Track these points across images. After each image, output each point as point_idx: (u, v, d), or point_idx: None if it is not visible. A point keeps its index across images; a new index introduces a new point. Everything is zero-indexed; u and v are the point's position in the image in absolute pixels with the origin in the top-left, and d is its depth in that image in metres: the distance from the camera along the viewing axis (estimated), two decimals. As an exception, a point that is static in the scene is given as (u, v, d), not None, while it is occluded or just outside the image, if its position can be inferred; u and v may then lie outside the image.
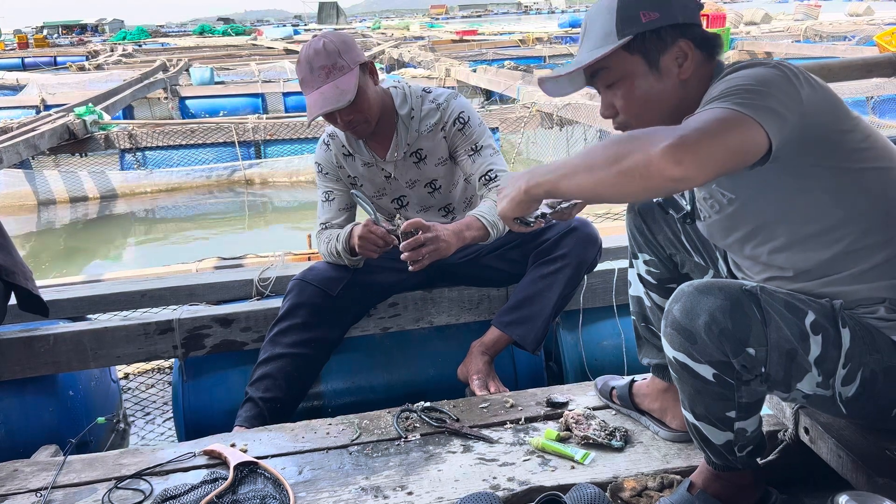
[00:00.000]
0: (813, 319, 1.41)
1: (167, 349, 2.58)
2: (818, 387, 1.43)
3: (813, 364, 1.41)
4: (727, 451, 1.56)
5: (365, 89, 2.32)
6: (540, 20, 54.14)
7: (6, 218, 7.36)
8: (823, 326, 1.41)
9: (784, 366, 1.40)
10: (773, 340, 1.39)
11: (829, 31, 20.10)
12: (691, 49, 1.49)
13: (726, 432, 1.53)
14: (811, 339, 1.40)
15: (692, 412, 1.55)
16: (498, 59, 17.14)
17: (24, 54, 28.26)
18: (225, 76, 16.76)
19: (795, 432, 1.76)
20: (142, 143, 8.64)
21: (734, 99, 1.29)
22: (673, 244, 1.89)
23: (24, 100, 12.91)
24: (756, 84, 1.32)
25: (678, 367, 1.49)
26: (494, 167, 2.50)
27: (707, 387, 1.47)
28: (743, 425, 1.52)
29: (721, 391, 1.47)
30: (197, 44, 31.61)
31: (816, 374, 1.42)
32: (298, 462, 1.98)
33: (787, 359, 1.40)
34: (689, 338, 1.43)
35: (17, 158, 7.36)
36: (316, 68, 2.28)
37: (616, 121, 1.57)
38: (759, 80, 1.34)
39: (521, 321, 2.44)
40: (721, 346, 1.40)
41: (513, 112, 9.11)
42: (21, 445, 2.36)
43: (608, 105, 1.57)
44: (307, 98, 2.32)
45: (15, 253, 2.49)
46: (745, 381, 1.44)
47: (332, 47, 2.28)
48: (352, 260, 2.46)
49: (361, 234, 2.33)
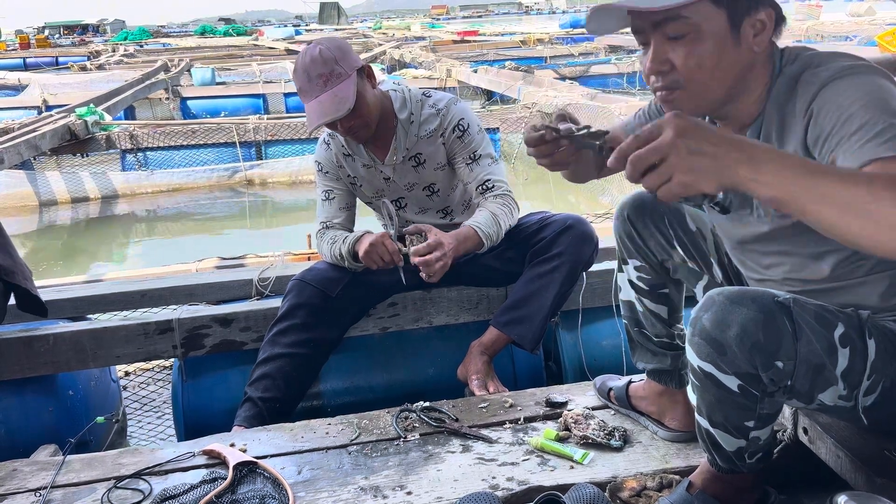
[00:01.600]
0: (842, 332, 1.37)
1: (167, 349, 2.58)
2: (840, 399, 1.41)
3: (839, 377, 1.38)
4: (737, 458, 1.55)
5: (363, 94, 2.32)
6: (541, 20, 54.13)
7: (8, 219, 7.37)
8: (851, 339, 1.38)
9: (811, 379, 1.37)
10: (802, 354, 1.35)
11: (831, 32, 20.08)
12: (771, 20, 1.37)
13: (740, 440, 1.51)
14: (839, 353, 1.37)
15: (709, 419, 1.52)
16: (499, 59, 17.15)
17: (25, 54, 28.33)
18: (226, 76, 16.78)
19: (794, 432, 1.76)
20: (143, 143, 8.65)
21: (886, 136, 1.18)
22: (665, 250, 1.85)
23: (26, 100, 12.93)
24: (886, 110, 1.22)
25: (702, 376, 1.45)
26: (493, 177, 2.51)
27: (730, 397, 1.44)
28: (758, 434, 1.50)
29: (744, 402, 1.44)
30: (198, 44, 31.66)
31: (842, 388, 1.39)
32: (298, 462, 1.98)
33: (815, 372, 1.37)
34: (719, 349, 1.39)
35: (18, 159, 7.37)
36: (313, 77, 2.27)
37: (664, 78, 1.39)
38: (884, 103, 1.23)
39: (518, 320, 2.44)
40: (752, 358, 1.36)
41: (513, 112, 9.12)
42: (21, 445, 2.36)
43: (662, 59, 1.38)
44: (306, 107, 2.32)
45: (14, 253, 2.49)
46: (770, 394, 1.42)
47: (328, 54, 2.28)
48: (354, 265, 2.45)
49: (374, 241, 2.33)
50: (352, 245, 2.41)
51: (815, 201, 1.06)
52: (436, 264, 2.26)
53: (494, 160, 2.55)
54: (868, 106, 1.24)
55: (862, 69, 1.31)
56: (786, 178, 1.06)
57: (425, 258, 2.25)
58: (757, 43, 1.38)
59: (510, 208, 2.50)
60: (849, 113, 1.25)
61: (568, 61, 16.82)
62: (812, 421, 1.68)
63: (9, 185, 8.09)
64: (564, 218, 2.51)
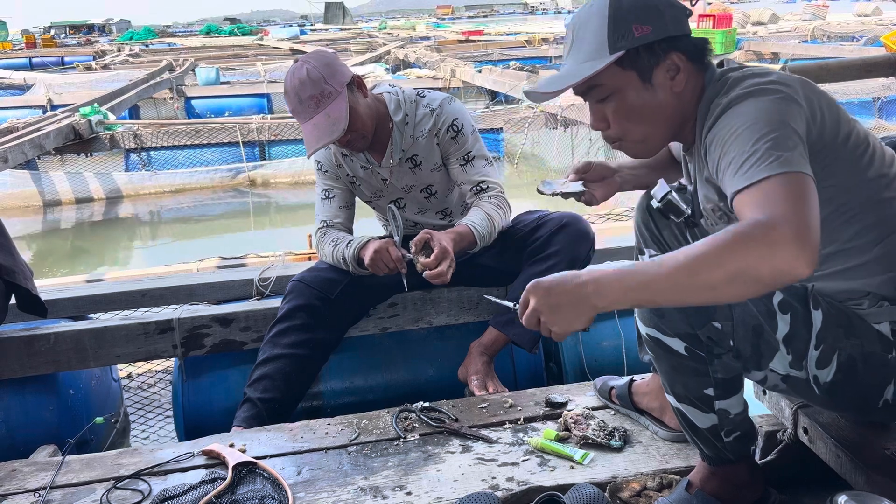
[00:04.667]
0: (781, 298, 1.42)
1: (167, 348, 2.58)
2: (791, 367, 1.45)
3: (781, 342, 1.43)
4: (714, 437, 1.58)
5: (356, 108, 2.32)
6: (546, 20, 54.02)
7: (12, 219, 7.40)
8: (792, 305, 1.42)
9: (751, 341, 1.43)
10: (738, 315, 1.41)
11: (837, 32, 20.05)
12: (683, 61, 1.46)
13: (709, 414, 1.56)
14: (778, 317, 1.42)
15: (673, 393, 1.59)
16: (503, 59, 17.15)
17: (31, 54, 28.40)
18: (231, 76, 16.81)
19: (794, 432, 1.75)
20: (146, 143, 8.66)
21: (770, 159, 1.24)
22: (678, 240, 1.88)
23: (31, 99, 12.99)
24: (773, 129, 1.28)
25: (652, 343, 1.53)
26: (487, 178, 2.51)
27: (682, 361, 1.51)
28: (724, 405, 1.55)
29: (695, 366, 1.50)
30: (203, 44, 31.69)
31: (786, 353, 1.44)
32: (297, 462, 1.98)
33: (754, 334, 1.42)
34: (657, 312, 1.48)
35: (22, 158, 7.39)
36: (304, 99, 2.27)
37: (607, 133, 1.54)
38: (771, 120, 1.29)
39: (516, 320, 2.42)
40: (687, 318, 1.44)
41: (517, 113, 9.11)
42: (21, 444, 2.36)
43: (600, 118, 1.53)
44: (302, 128, 2.32)
45: (16, 253, 2.50)
46: (717, 355, 1.47)
47: (316, 74, 2.26)
48: (359, 270, 2.45)
49: (378, 248, 2.32)
50: (357, 251, 2.40)
51: (659, 296, 1.23)
52: (447, 274, 2.26)
53: (489, 161, 2.55)
54: (740, 136, 1.30)
55: (756, 92, 1.35)
56: (626, 291, 1.24)
57: (437, 271, 2.25)
58: (675, 84, 1.47)
59: (504, 210, 2.50)
60: (723, 148, 1.33)
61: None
62: (812, 421, 1.68)
63: (13, 184, 8.10)
64: (560, 216, 2.50)
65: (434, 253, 2.25)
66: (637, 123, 1.49)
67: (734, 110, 1.35)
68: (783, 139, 1.26)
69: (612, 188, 1.90)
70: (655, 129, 1.51)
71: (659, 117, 1.49)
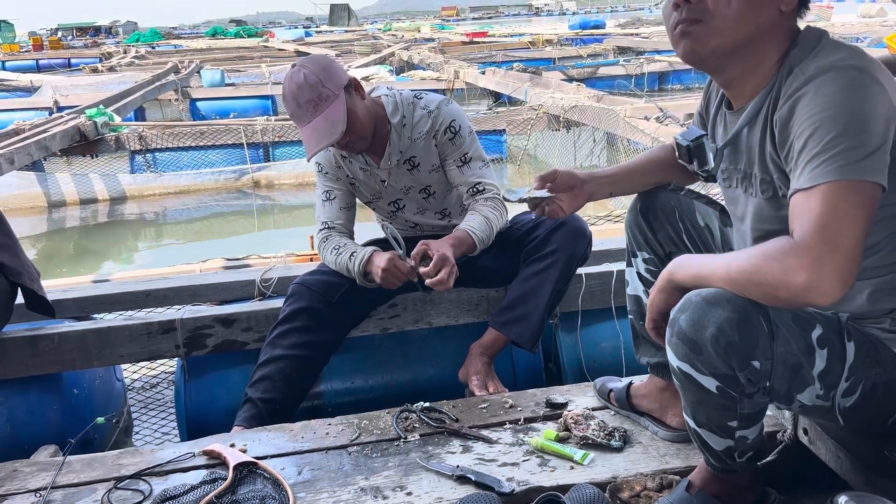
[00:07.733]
0: (820, 333, 1.38)
1: (170, 349, 2.59)
2: (818, 398, 1.42)
3: (816, 378, 1.38)
4: (727, 457, 1.55)
5: (354, 111, 2.32)
6: (551, 21, 54.04)
7: (18, 219, 7.43)
8: (830, 340, 1.38)
9: (788, 379, 1.38)
10: (779, 354, 1.36)
11: (841, 33, 19.97)
12: None
13: (727, 440, 1.52)
14: (817, 353, 1.37)
15: (693, 419, 1.54)
16: (507, 60, 17.15)
17: (38, 56, 28.55)
18: (235, 78, 16.84)
19: (794, 433, 1.75)
20: (151, 144, 8.70)
21: (839, 161, 1.21)
22: (674, 242, 1.87)
23: (38, 101, 13.05)
24: (856, 127, 1.23)
25: (682, 376, 1.47)
26: (483, 180, 2.51)
27: (709, 398, 1.45)
28: (744, 434, 1.51)
29: (724, 402, 1.45)
30: (209, 46, 31.79)
31: (819, 388, 1.40)
32: (298, 462, 1.98)
33: (792, 372, 1.37)
34: (695, 349, 1.40)
35: (28, 160, 7.43)
36: (303, 103, 2.28)
37: (690, 9, 1.39)
38: (857, 113, 1.24)
39: (516, 320, 2.44)
40: (727, 359, 1.37)
41: (520, 114, 9.12)
42: (26, 443, 2.37)
43: None
44: (301, 132, 2.33)
45: (21, 254, 2.51)
46: (749, 394, 1.42)
47: (313, 78, 2.27)
48: (365, 283, 2.45)
49: (387, 267, 2.32)
50: (362, 267, 2.39)
51: (708, 279, 1.39)
52: (449, 280, 2.27)
53: (485, 163, 2.55)
54: (819, 127, 1.25)
55: (847, 68, 1.29)
56: (692, 265, 1.44)
57: (439, 278, 2.25)
58: (785, 2, 1.38)
59: (500, 211, 2.51)
60: (800, 131, 1.28)
61: (576, 63, 16.79)
62: (812, 421, 1.68)
63: (19, 185, 8.15)
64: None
65: (433, 261, 2.26)
66: (734, 9, 1.36)
67: (821, 90, 1.28)
68: (865, 139, 1.22)
69: (580, 199, 1.88)
70: (741, 29, 1.38)
71: (754, 20, 1.37)
